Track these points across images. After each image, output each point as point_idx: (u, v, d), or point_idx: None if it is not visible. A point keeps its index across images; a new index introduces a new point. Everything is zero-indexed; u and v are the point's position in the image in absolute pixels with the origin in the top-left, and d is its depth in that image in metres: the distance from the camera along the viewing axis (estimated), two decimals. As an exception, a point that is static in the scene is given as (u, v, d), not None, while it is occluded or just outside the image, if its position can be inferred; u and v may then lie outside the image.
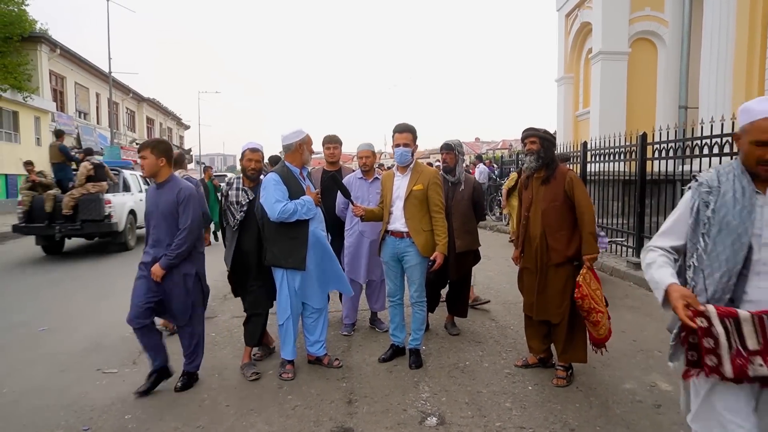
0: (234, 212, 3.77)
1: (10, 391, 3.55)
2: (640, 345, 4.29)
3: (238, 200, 3.75)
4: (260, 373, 3.73)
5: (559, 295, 3.54)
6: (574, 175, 3.58)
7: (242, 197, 3.76)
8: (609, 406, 3.21)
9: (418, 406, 3.24)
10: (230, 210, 3.79)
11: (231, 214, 3.79)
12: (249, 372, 3.70)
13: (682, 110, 10.39)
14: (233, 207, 3.77)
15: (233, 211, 3.78)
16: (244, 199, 3.75)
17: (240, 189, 3.78)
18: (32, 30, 20.15)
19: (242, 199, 3.75)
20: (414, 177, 3.77)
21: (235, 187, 3.80)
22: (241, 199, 3.75)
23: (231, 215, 3.79)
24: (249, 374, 3.68)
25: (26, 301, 6.16)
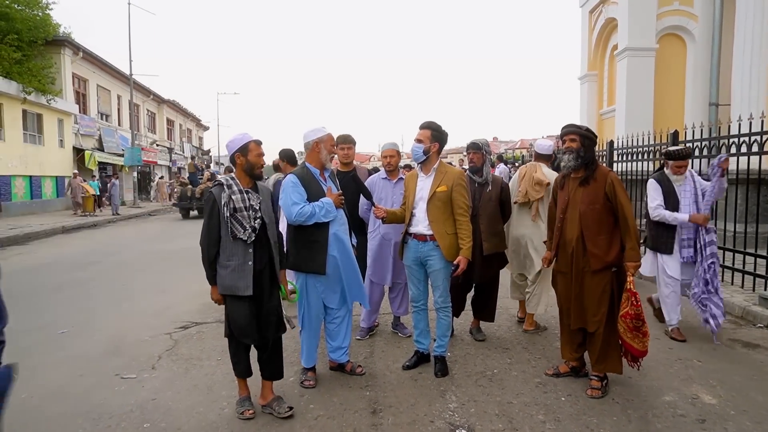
0: (244, 221, 3.02)
1: (29, 396, 3.50)
2: (677, 353, 4.08)
3: (250, 204, 3.05)
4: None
5: (596, 303, 3.37)
6: (616, 177, 3.39)
7: (253, 200, 3.08)
8: (649, 420, 3.02)
9: (446, 417, 3.09)
10: (237, 219, 3.01)
11: (239, 225, 3.01)
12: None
13: (712, 107, 10.03)
14: (243, 214, 3.02)
15: (243, 220, 3.02)
16: (256, 202, 3.09)
17: (244, 191, 3.08)
18: (56, 34, 20.51)
19: (254, 202, 3.08)
20: (438, 178, 3.63)
21: (236, 189, 3.06)
22: (253, 203, 3.07)
23: (239, 225, 3.01)
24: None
25: (48, 303, 6.17)
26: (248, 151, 3.12)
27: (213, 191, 3.06)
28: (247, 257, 3.05)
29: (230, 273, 3.03)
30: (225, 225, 3.00)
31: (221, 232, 3.03)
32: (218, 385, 3.62)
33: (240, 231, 3.02)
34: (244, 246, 3.04)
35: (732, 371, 3.71)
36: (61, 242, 12.25)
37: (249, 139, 3.14)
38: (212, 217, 3.04)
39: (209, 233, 3.05)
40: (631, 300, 3.21)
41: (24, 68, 18.43)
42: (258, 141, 3.18)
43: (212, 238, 3.05)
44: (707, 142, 6.19)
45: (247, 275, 3.03)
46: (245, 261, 3.05)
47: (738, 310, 5.00)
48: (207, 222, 3.06)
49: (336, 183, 3.71)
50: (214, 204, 3.03)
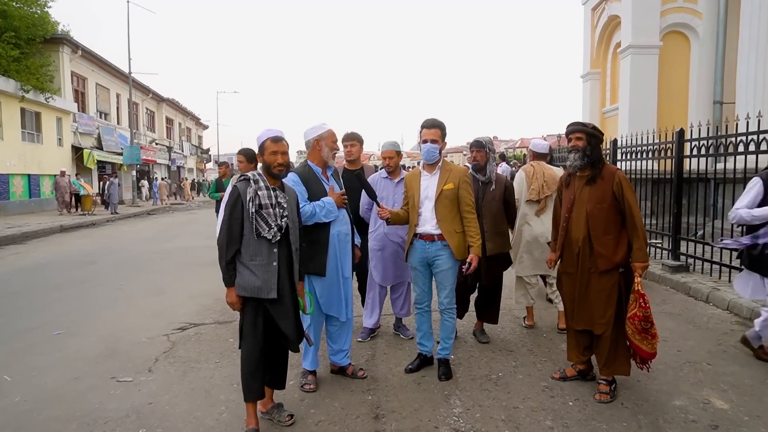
0: (269, 218, 2.81)
1: (22, 400, 3.41)
2: (686, 356, 3.99)
3: (277, 201, 2.86)
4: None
5: (603, 304, 3.28)
6: (623, 176, 3.30)
7: (280, 198, 2.89)
8: (660, 426, 2.93)
9: (451, 422, 3.00)
10: (263, 217, 2.81)
11: (264, 222, 2.80)
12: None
13: (717, 106, 9.94)
14: (269, 211, 2.82)
15: (269, 217, 2.81)
16: (283, 200, 2.90)
17: (270, 188, 2.89)
18: (54, 31, 20.42)
19: (281, 200, 2.88)
20: (444, 176, 3.53)
21: (263, 185, 2.87)
22: (280, 200, 2.87)
23: (264, 223, 2.80)
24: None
25: (44, 303, 6.07)
26: (264, 150, 2.96)
27: (238, 186, 2.86)
28: (272, 257, 2.85)
29: (253, 273, 2.81)
30: (249, 222, 2.81)
31: (244, 230, 2.83)
32: (216, 388, 3.53)
33: (265, 229, 2.81)
34: (269, 245, 2.84)
35: (743, 374, 3.62)
36: (59, 241, 12.15)
37: (267, 137, 2.97)
38: (234, 213, 2.82)
39: (230, 230, 2.82)
40: (639, 302, 3.13)
41: (22, 66, 18.33)
42: (275, 138, 2.96)
43: (233, 236, 2.82)
44: (712, 140, 6.11)
45: (272, 276, 2.83)
46: (270, 261, 2.84)
47: (746, 311, 4.91)
48: (228, 218, 2.83)
49: (340, 182, 3.61)
50: (238, 199, 2.82)
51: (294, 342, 2.95)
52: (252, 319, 2.88)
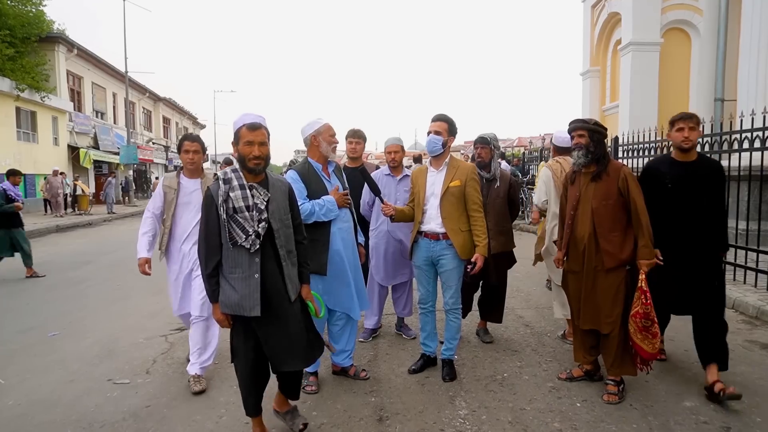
0: (245, 223, 2.44)
1: (15, 404, 3.32)
2: (694, 355, 3.86)
3: (253, 203, 2.46)
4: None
5: (610, 303, 3.21)
6: (629, 172, 3.23)
7: (258, 197, 2.49)
8: (671, 428, 2.86)
9: (457, 425, 2.92)
10: (237, 222, 2.44)
11: (239, 228, 2.44)
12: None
13: (718, 103, 9.89)
14: (244, 215, 2.44)
15: (245, 222, 2.44)
16: (261, 200, 2.49)
17: (246, 186, 2.49)
18: (50, 30, 20.26)
19: (258, 201, 2.48)
20: (450, 172, 3.45)
21: (237, 184, 2.47)
22: (256, 202, 2.47)
23: (239, 229, 2.44)
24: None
25: (40, 304, 5.98)
26: (239, 139, 2.50)
27: (210, 187, 2.52)
28: (253, 268, 2.47)
29: (233, 288, 2.47)
30: (224, 228, 2.46)
31: (222, 237, 2.49)
32: (216, 391, 3.45)
33: (241, 237, 2.43)
34: (249, 255, 2.46)
35: (753, 374, 3.56)
36: (55, 241, 12.04)
37: (242, 123, 2.51)
38: (209, 220, 2.48)
39: (207, 240, 2.50)
40: (641, 298, 3.06)
41: (17, 65, 18.17)
42: (252, 125, 2.49)
43: (211, 246, 2.49)
44: (715, 137, 6.04)
45: (253, 290, 2.45)
46: (251, 273, 2.47)
47: (752, 309, 4.86)
48: (204, 225, 2.51)
49: (343, 180, 3.52)
50: (212, 202, 2.47)
51: (296, 360, 2.59)
52: (242, 336, 2.58)
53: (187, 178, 3.67)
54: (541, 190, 4.22)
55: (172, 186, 3.62)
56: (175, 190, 3.60)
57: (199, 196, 3.47)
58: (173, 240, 3.63)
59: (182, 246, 3.61)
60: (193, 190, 3.63)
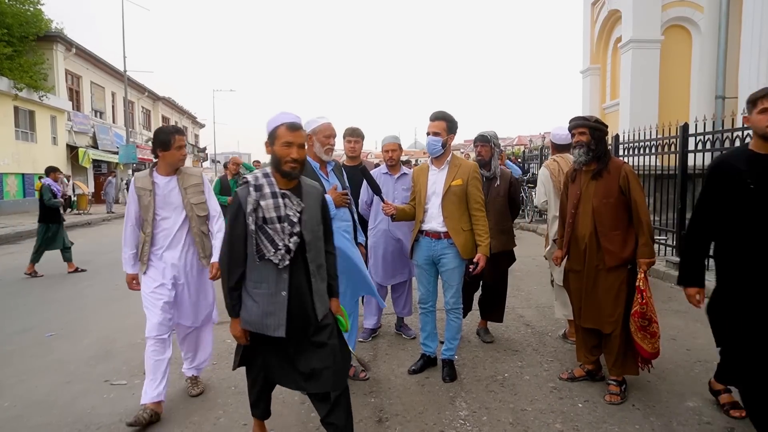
0: (275, 236, 2.22)
1: (11, 405, 3.29)
2: (696, 355, 3.89)
3: (285, 214, 2.23)
4: None
5: (612, 302, 3.18)
6: (630, 170, 3.20)
7: (290, 208, 2.25)
8: (673, 429, 2.83)
9: (457, 426, 2.89)
10: (266, 234, 2.22)
11: (268, 241, 2.22)
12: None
13: (719, 100, 9.85)
14: (275, 227, 2.22)
15: (275, 235, 2.22)
16: (294, 211, 2.25)
17: (279, 194, 2.26)
18: (48, 29, 20.21)
19: (290, 211, 2.24)
20: (452, 171, 3.41)
21: (268, 192, 2.24)
22: (288, 213, 2.23)
23: (269, 242, 2.22)
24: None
25: (37, 304, 5.95)
26: (275, 139, 2.28)
27: (239, 192, 2.29)
28: (281, 285, 2.25)
29: (257, 305, 2.27)
30: (251, 239, 2.25)
31: (249, 248, 2.27)
32: (213, 392, 3.41)
33: (270, 250, 2.21)
34: (277, 270, 2.24)
35: (756, 374, 3.52)
36: (53, 241, 11.98)
37: (280, 122, 2.29)
38: (236, 228, 2.27)
39: (231, 249, 2.29)
40: (638, 298, 3.04)
41: (15, 64, 18.13)
42: (292, 125, 2.28)
43: (236, 256, 2.28)
44: (717, 135, 6.00)
45: (279, 309, 2.25)
46: (277, 290, 2.25)
47: (754, 308, 4.81)
48: (229, 233, 2.30)
49: (343, 179, 3.47)
50: (239, 210, 2.26)
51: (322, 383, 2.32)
52: (261, 354, 2.41)
53: (162, 176, 3.20)
54: (540, 191, 4.19)
55: (146, 187, 3.15)
56: (150, 191, 3.13)
57: (179, 196, 3.18)
58: (154, 248, 3.19)
59: (164, 254, 3.18)
60: (171, 189, 3.20)
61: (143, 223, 3.19)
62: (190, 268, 3.23)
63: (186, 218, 3.20)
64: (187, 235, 3.21)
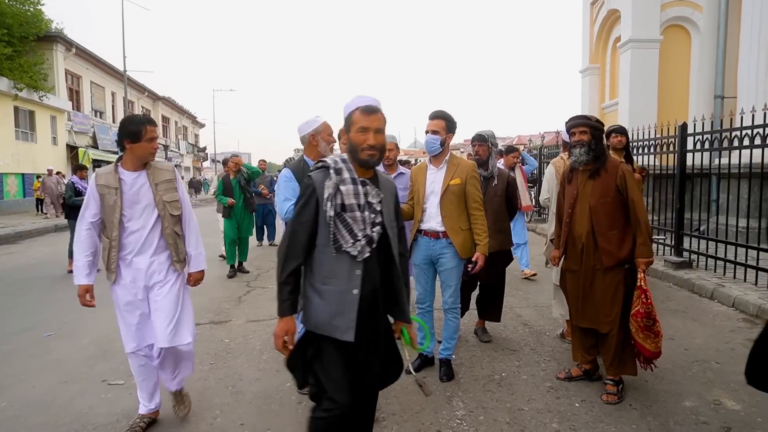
0: (355, 226, 2.01)
1: (9, 405, 3.28)
2: (694, 355, 3.89)
3: (366, 201, 2.05)
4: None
5: (609, 302, 3.17)
6: (627, 169, 3.20)
7: (372, 196, 2.07)
8: (670, 428, 2.83)
9: (454, 426, 2.89)
10: (346, 223, 2.00)
11: (347, 231, 2.00)
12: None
13: (718, 100, 9.86)
14: (355, 215, 2.01)
15: (354, 224, 2.01)
16: (376, 199, 2.08)
17: (359, 182, 2.05)
18: (48, 29, 20.21)
19: (373, 199, 2.07)
20: (450, 170, 3.41)
21: (348, 177, 2.04)
22: (371, 200, 2.06)
23: (347, 232, 2.00)
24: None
25: (36, 304, 5.94)
26: (350, 125, 2.09)
27: (313, 176, 2.07)
28: (353, 281, 2.01)
29: (325, 303, 2.02)
30: (325, 228, 2.02)
31: (317, 239, 2.05)
32: (210, 391, 3.41)
33: (348, 241, 1.99)
34: (351, 264, 2.02)
35: (753, 374, 3.51)
36: (53, 241, 11.99)
37: (355, 106, 2.10)
38: (304, 214, 2.05)
39: (293, 237, 2.05)
40: (641, 298, 3.03)
41: (15, 64, 18.15)
42: (368, 108, 2.08)
43: (297, 245, 2.04)
44: (716, 135, 6.01)
45: (349, 309, 2.00)
46: (349, 287, 2.01)
47: (753, 308, 4.82)
48: (294, 219, 2.07)
49: None
50: (313, 194, 2.04)
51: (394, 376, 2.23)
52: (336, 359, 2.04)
53: (130, 172, 2.80)
54: (544, 188, 4.20)
55: (111, 184, 2.75)
56: (116, 189, 2.74)
57: (149, 193, 2.80)
58: (122, 253, 2.82)
59: (134, 259, 2.81)
60: (140, 186, 2.80)
61: (106, 226, 2.80)
62: (164, 275, 2.86)
63: (158, 218, 2.83)
64: (160, 237, 2.85)
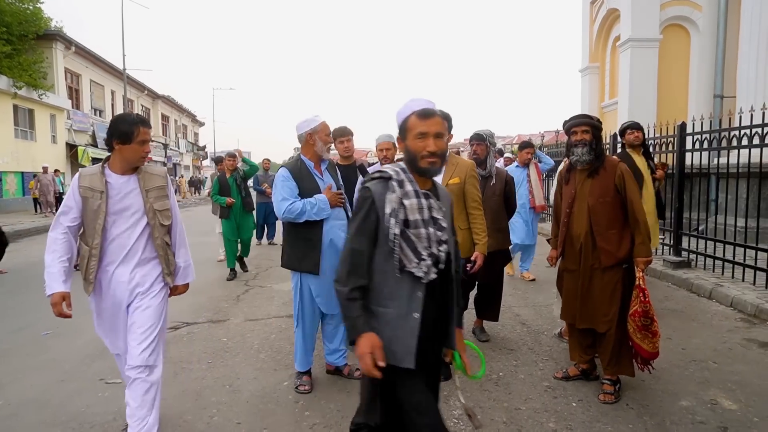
0: (418, 244, 1.79)
1: (6, 404, 3.28)
2: (691, 354, 3.89)
3: (430, 216, 1.84)
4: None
5: (607, 302, 3.17)
6: (626, 168, 3.19)
7: (436, 210, 1.86)
8: (667, 428, 2.82)
9: (451, 425, 2.88)
10: (410, 241, 1.79)
11: (412, 250, 1.79)
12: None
13: (717, 99, 9.87)
14: (420, 232, 1.80)
15: (418, 242, 1.79)
16: (440, 213, 1.87)
17: (422, 194, 1.84)
18: (47, 28, 20.19)
19: (437, 213, 1.86)
20: (449, 169, 3.41)
21: (411, 189, 1.83)
22: (436, 215, 1.85)
23: (411, 251, 1.78)
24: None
25: (34, 303, 5.93)
26: (407, 131, 1.87)
27: (371, 187, 1.85)
28: (414, 304, 1.82)
29: (386, 326, 1.82)
30: (385, 246, 1.81)
31: (376, 256, 1.84)
32: (208, 390, 3.41)
33: (412, 261, 1.78)
34: (412, 285, 1.82)
35: (750, 373, 3.52)
36: (52, 239, 11.98)
37: (410, 111, 1.87)
38: (364, 230, 1.83)
39: (355, 256, 1.82)
40: (639, 297, 3.03)
41: (14, 62, 18.14)
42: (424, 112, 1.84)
43: (362, 265, 1.82)
44: (714, 134, 6.00)
45: (409, 335, 1.81)
46: (409, 310, 1.82)
47: (750, 308, 4.82)
48: (354, 236, 1.84)
49: (337, 178, 3.47)
50: (372, 208, 1.83)
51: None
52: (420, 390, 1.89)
53: (118, 175, 2.58)
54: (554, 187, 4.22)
55: (96, 187, 2.52)
56: (101, 193, 2.52)
57: (139, 197, 2.59)
58: (103, 263, 2.62)
59: (116, 270, 2.62)
60: (129, 191, 2.58)
61: (86, 232, 2.58)
62: (146, 289, 2.65)
63: (146, 227, 2.62)
64: (147, 247, 2.64)
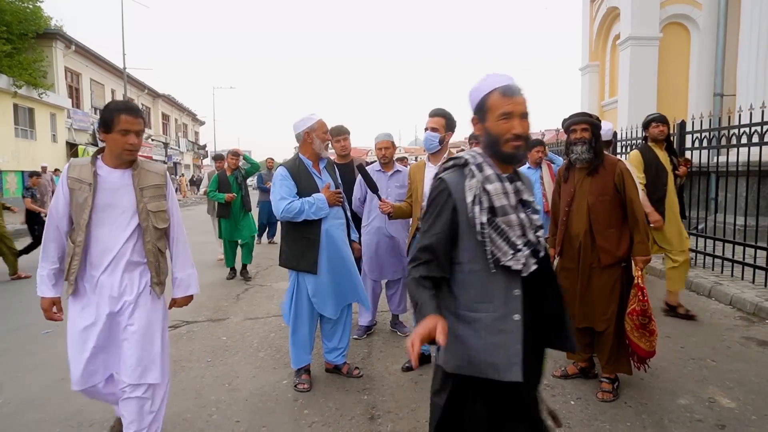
0: (511, 233, 1.60)
1: (5, 402, 3.29)
2: (690, 353, 3.89)
3: (518, 201, 1.67)
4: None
5: (606, 300, 3.17)
6: (625, 167, 3.19)
7: (525, 194, 1.70)
8: (665, 426, 2.83)
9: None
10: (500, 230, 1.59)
11: (504, 240, 1.58)
12: None
13: (717, 98, 9.85)
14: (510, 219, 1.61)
15: (510, 230, 1.60)
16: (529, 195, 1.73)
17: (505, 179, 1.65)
18: (47, 26, 20.16)
19: (527, 196, 1.71)
20: None
21: (491, 173, 1.63)
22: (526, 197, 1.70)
23: (504, 242, 1.58)
24: None
25: (34, 301, 5.92)
26: (486, 112, 1.64)
27: (446, 179, 1.67)
28: (511, 305, 1.59)
29: (480, 334, 1.59)
30: (470, 241, 1.61)
31: (457, 255, 1.64)
32: (207, 389, 3.42)
33: (507, 253, 1.57)
34: (508, 281, 1.60)
35: (749, 371, 3.52)
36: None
37: (491, 88, 1.62)
38: (436, 225, 1.64)
39: (427, 251, 1.62)
40: (638, 295, 3.04)
41: (14, 61, 18.11)
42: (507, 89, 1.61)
43: (432, 260, 1.61)
44: (714, 132, 6.00)
45: (511, 341, 1.57)
46: (508, 312, 1.59)
47: (750, 306, 4.82)
48: (427, 232, 1.66)
49: (336, 177, 3.48)
50: (448, 200, 1.64)
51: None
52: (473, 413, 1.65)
53: (110, 168, 2.34)
54: None
55: (84, 179, 2.29)
56: (90, 186, 2.27)
57: (131, 195, 2.34)
58: (87, 266, 2.35)
59: (102, 276, 2.34)
60: (121, 186, 2.34)
61: (73, 229, 2.36)
62: (134, 296, 2.38)
63: (137, 229, 2.37)
64: (134, 251, 2.38)
